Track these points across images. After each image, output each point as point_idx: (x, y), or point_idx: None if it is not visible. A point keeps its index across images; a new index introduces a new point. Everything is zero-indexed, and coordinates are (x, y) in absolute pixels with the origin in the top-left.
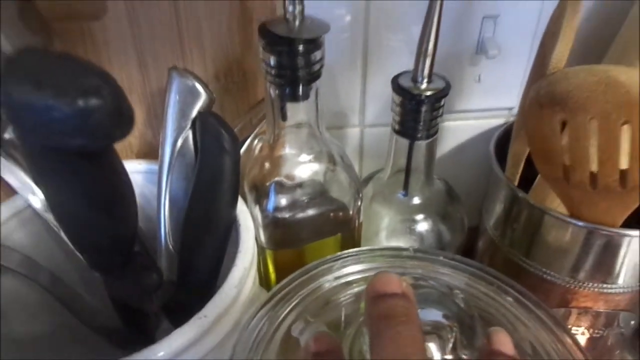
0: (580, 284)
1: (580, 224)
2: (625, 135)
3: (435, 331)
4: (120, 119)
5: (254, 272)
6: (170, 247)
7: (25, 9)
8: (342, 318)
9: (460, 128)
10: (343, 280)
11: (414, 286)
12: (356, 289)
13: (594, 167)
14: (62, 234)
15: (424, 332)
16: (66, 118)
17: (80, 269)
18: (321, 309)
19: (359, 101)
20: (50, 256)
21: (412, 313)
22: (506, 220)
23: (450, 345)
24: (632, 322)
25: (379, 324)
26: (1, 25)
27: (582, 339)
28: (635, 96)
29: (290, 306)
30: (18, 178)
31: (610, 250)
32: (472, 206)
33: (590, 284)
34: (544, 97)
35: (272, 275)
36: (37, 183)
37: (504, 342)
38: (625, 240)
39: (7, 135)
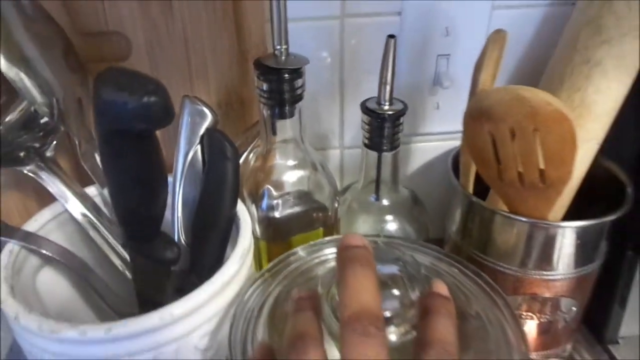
0: (527, 272)
1: (523, 219)
2: (538, 140)
3: (388, 279)
4: (167, 111)
5: (251, 255)
6: (183, 241)
7: (68, 52)
8: (319, 287)
9: (424, 149)
10: (322, 259)
11: (376, 249)
12: (332, 264)
13: (519, 167)
14: (91, 233)
15: (381, 280)
16: (135, 109)
17: (104, 263)
18: (303, 281)
19: (338, 127)
20: (80, 253)
21: (369, 258)
22: (465, 224)
23: (403, 287)
24: (574, 309)
25: (344, 266)
26: (50, 64)
27: (533, 324)
28: (537, 109)
29: (278, 279)
30: (58, 188)
31: (548, 241)
32: (439, 220)
33: (534, 272)
34: (473, 111)
35: (265, 263)
36: (102, 163)
37: (441, 288)
38: (560, 231)
39: (49, 153)
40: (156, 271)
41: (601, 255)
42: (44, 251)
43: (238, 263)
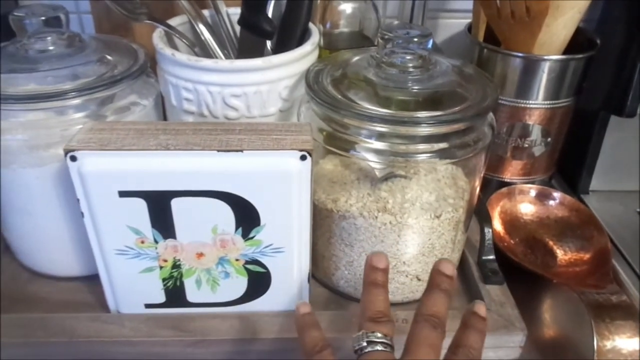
0: (517, 102)
1: (516, 53)
2: None
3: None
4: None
5: (317, 50)
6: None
7: None
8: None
9: (449, 23)
10: (359, 57)
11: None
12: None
13: (512, 5)
14: (202, 37)
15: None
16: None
17: None
18: (340, 65)
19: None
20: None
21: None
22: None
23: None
24: (549, 139)
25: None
26: None
27: (520, 151)
28: None
29: (331, 62)
30: (186, 5)
31: (532, 71)
32: None
33: (522, 101)
34: None
35: None
36: None
37: (480, 309)
38: (541, 64)
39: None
40: (256, 44)
41: (570, 95)
42: (176, 35)
43: (311, 46)
